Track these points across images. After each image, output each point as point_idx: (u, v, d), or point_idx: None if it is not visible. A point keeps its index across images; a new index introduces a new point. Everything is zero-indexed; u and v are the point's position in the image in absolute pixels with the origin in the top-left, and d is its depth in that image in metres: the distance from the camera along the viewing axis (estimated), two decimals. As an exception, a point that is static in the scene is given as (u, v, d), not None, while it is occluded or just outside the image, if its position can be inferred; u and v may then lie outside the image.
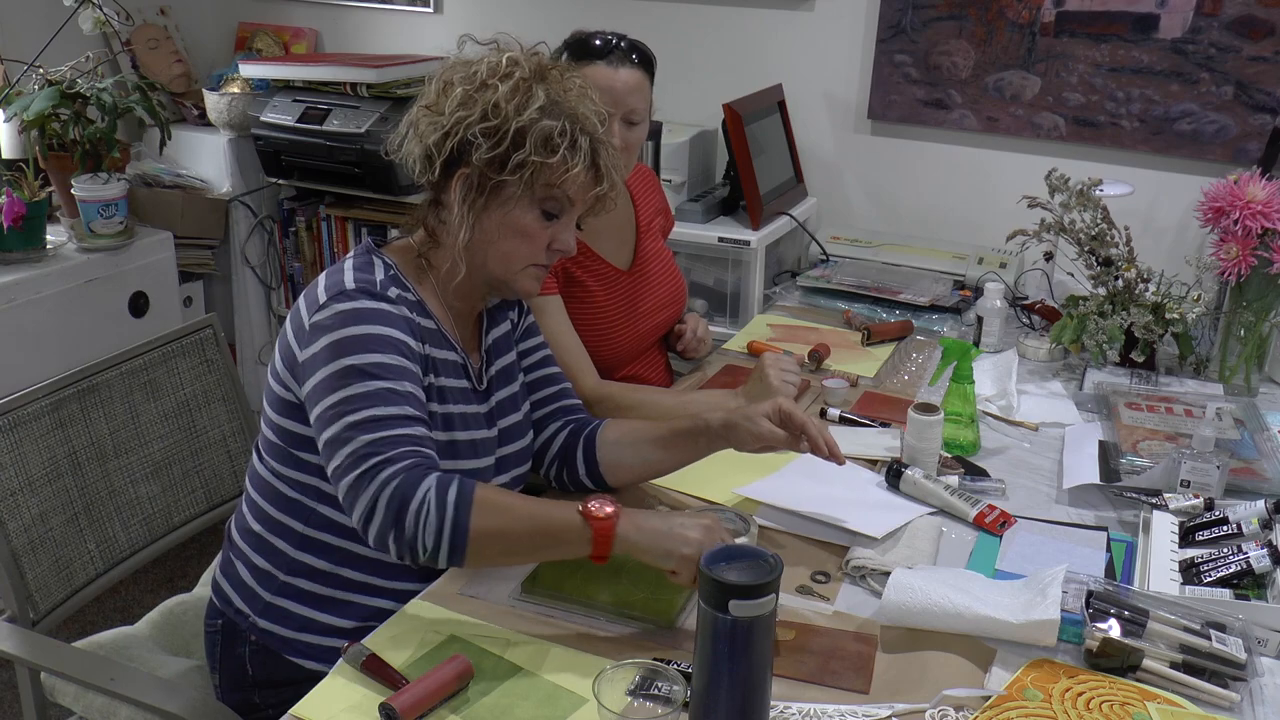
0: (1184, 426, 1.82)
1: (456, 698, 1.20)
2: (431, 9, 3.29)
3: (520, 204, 1.41)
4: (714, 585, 1.05)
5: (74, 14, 2.77)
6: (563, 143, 1.38)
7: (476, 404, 1.51)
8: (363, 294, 1.37)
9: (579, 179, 1.41)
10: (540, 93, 1.39)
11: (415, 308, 1.43)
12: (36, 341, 2.61)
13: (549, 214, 1.43)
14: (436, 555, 1.27)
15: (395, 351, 1.35)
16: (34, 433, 1.60)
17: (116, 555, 1.72)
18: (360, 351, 1.33)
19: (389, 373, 1.33)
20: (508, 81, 1.38)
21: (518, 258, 1.45)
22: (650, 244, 2.10)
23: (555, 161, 1.38)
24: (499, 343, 1.59)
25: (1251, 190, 1.98)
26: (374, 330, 1.35)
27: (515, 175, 1.38)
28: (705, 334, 2.16)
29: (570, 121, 1.39)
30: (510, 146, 1.37)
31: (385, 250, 1.49)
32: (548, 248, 1.46)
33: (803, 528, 1.56)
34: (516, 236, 1.43)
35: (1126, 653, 1.25)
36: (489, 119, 1.37)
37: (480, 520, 1.26)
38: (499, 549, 1.31)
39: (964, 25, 2.71)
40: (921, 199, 2.90)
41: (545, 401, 1.65)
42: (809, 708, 1.20)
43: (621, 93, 1.83)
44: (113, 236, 2.78)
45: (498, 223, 1.42)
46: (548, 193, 1.41)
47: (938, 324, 2.37)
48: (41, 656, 1.50)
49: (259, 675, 1.48)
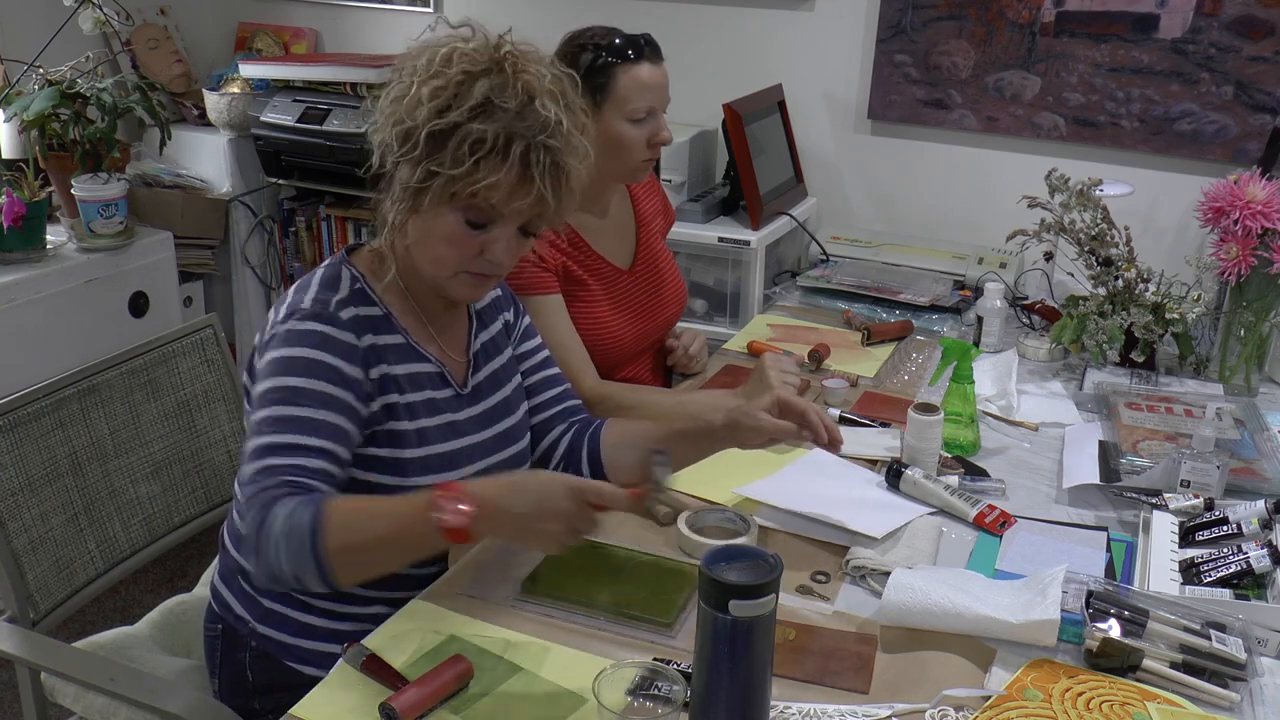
0: (1184, 426, 1.82)
1: (456, 698, 1.20)
2: (431, 9, 3.29)
3: (442, 211, 1.33)
4: (714, 585, 1.05)
5: (74, 14, 2.77)
6: (482, 150, 1.28)
7: (460, 411, 1.48)
8: (314, 316, 1.35)
9: (501, 189, 1.30)
10: (479, 90, 1.29)
11: (379, 324, 1.40)
12: (36, 341, 2.61)
13: (474, 223, 1.34)
14: (301, 580, 1.23)
15: (326, 379, 1.32)
16: (34, 433, 1.60)
17: (116, 555, 1.72)
18: (291, 374, 1.32)
19: (310, 400, 1.31)
20: (439, 79, 1.30)
21: (447, 264, 1.38)
22: (651, 243, 2.10)
23: (464, 172, 1.29)
24: (490, 345, 1.56)
25: (1251, 190, 1.98)
26: (311, 355, 1.33)
27: (428, 182, 1.31)
28: (699, 351, 2.14)
29: (503, 125, 1.29)
30: (423, 152, 1.30)
31: (356, 258, 1.45)
32: (480, 255, 1.37)
33: (803, 528, 1.56)
34: (442, 242, 1.36)
35: (1126, 653, 1.25)
36: (403, 121, 1.31)
37: (333, 540, 1.20)
38: (361, 563, 1.25)
39: (964, 25, 2.71)
40: (921, 199, 2.90)
41: (548, 404, 1.63)
42: (809, 708, 1.20)
43: (665, 85, 1.89)
44: (113, 236, 2.78)
45: (423, 227, 1.36)
46: (468, 202, 1.32)
47: (938, 324, 2.37)
48: (41, 656, 1.50)
49: (259, 681, 1.48)
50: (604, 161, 1.89)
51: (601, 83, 1.84)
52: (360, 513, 1.24)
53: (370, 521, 1.23)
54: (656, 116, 1.89)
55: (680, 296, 2.16)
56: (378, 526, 1.23)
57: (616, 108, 1.85)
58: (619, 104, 1.85)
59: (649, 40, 1.89)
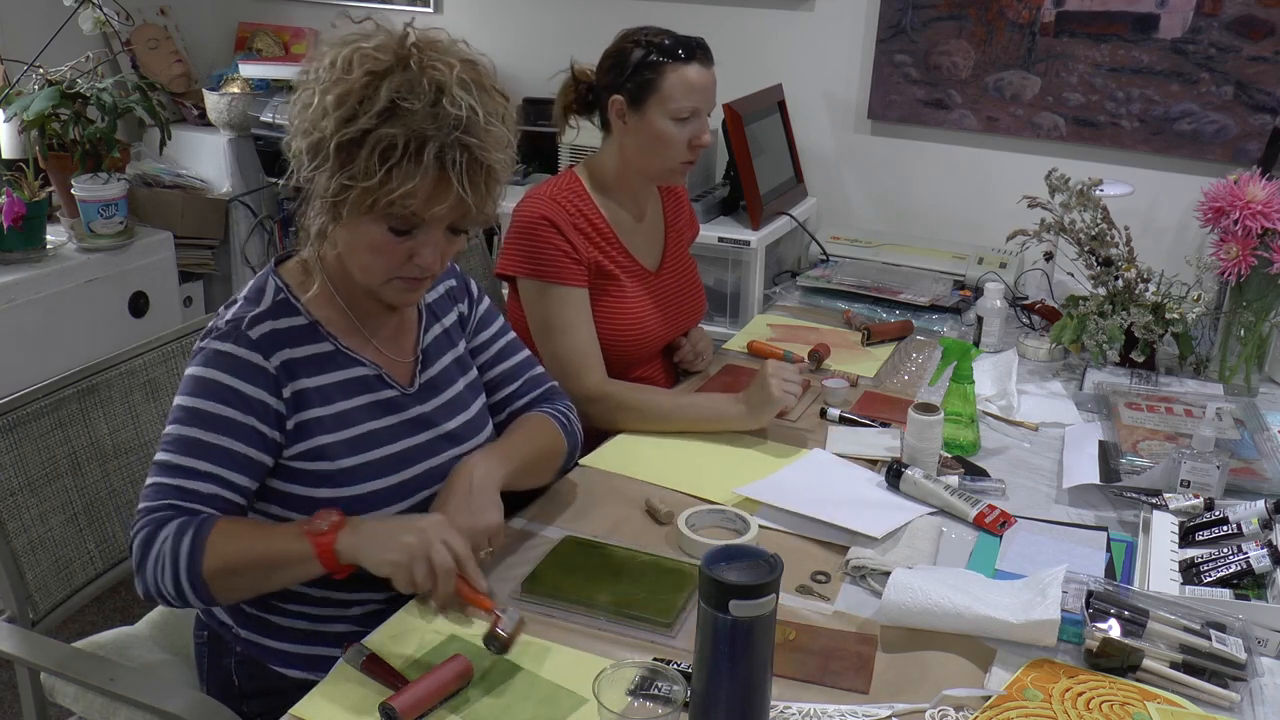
0: (1184, 426, 1.82)
1: (456, 698, 1.20)
2: (431, 9, 3.29)
3: (363, 221, 1.29)
4: (714, 585, 1.05)
5: (74, 14, 2.77)
6: (394, 157, 1.23)
7: (407, 410, 1.46)
8: (227, 336, 1.34)
9: (419, 195, 1.26)
10: (385, 92, 1.24)
11: (301, 334, 1.38)
12: (36, 341, 2.61)
13: (398, 230, 1.30)
14: (183, 600, 1.28)
15: (227, 403, 1.32)
16: (34, 433, 1.60)
17: (116, 555, 1.71)
18: (195, 395, 1.33)
19: (208, 424, 1.31)
20: (341, 85, 1.25)
21: (376, 272, 1.35)
22: (679, 251, 2.12)
23: (376, 184, 1.24)
24: (443, 338, 1.54)
25: (1251, 190, 1.98)
26: (217, 377, 1.33)
27: (343, 195, 1.26)
28: (705, 349, 2.16)
29: (414, 128, 1.23)
30: (335, 164, 1.25)
31: (283, 269, 1.43)
32: (409, 260, 1.33)
33: (803, 528, 1.56)
34: (368, 252, 1.33)
35: (1126, 653, 1.25)
36: (311, 132, 1.27)
37: (211, 562, 1.25)
38: (241, 585, 1.30)
39: (964, 25, 2.71)
40: (921, 199, 2.90)
41: (512, 397, 1.63)
42: (809, 708, 1.20)
43: (711, 90, 1.91)
44: (113, 236, 2.78)
45: (348, 237, 1.33)
46: (388, 211, 1.27)
47: (938, 324, 2.37)
48: (41, 656, 1.50)
49: (245, 686, 1.48)
50: (644, 158, 1.91)
51: (650, 79, 1.85)
52: (241, 535, 1.28)
53: (250, 543, 1.28)
54: (700, 119, 1.90)
55: (700, 305, 2.18)
56: (257, 547, 1.27)
57: (661, 105, 1.86)
58: (664, 101, 1.86)
59: (701, 43, 1.91)
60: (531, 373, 1.66)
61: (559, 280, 1.86)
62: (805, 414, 1.92)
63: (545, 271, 1.86)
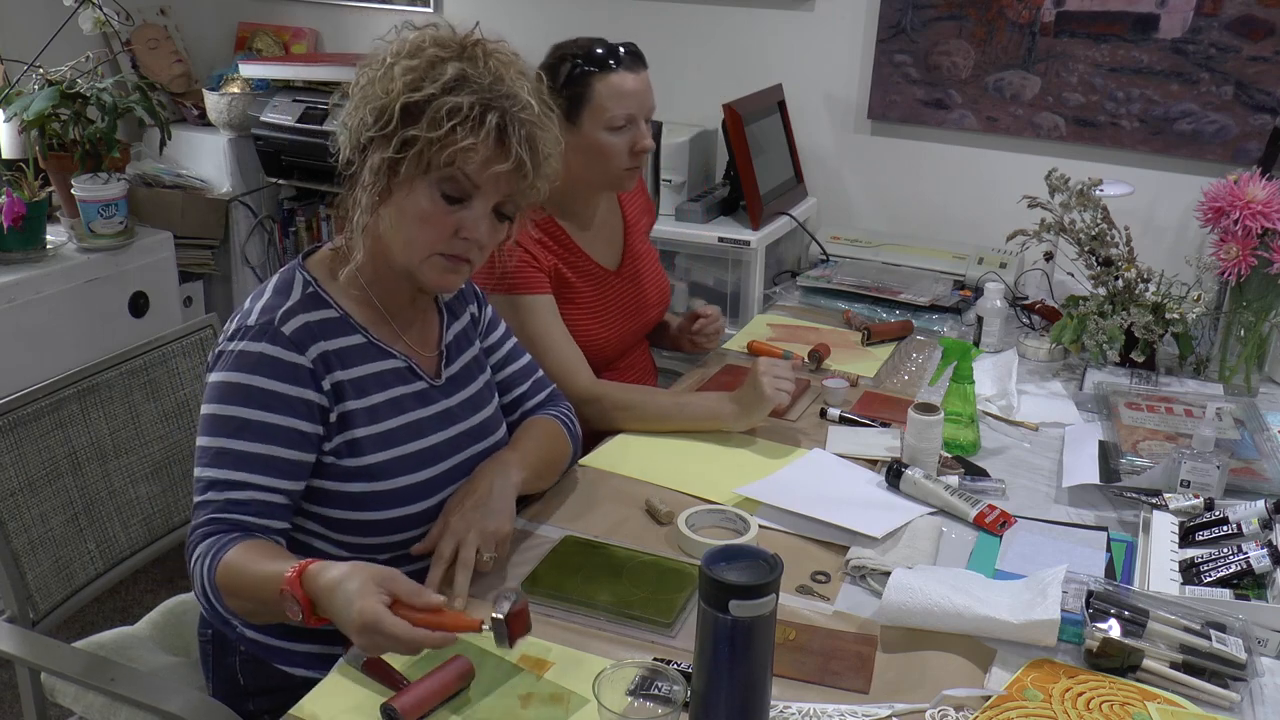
0: (1184, 426, 1.82)
1: (457, 698, 1.20)
2: (431, 9, 3.29)
3: (417, 186, 1.33)
4: (714, 585, 1.05)
5: (74, 14, 2.77)
6: (459, 117, 1.29)
7: (435, 404, 1.47)
8: (260, 335, 1.34)
9: (478, 155, 1.31)
10: (451, 69, 1.31)
11: (333, 327, 1.39)
12: (36, 341, 2.61)
13: (450, 197, 1.34)
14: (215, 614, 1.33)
15: (267, 408, 1.32)
16: (34, 433, 1.60)
17: (116, 555, 1.72)
18: (229, 402, 1.32)
19: (245, 432, 1.31)
20: (412, 59, 1.32)
21: (419, 245, 1.36)
22: (637, 244, 2.11)
23: (441, 135, 1.29)
24: (461, 337, 1.56)
25: (1251, 190, 1.98)
26: (253, 382, 1.32)
27: (403, 153, 1.31)
28: (716, 334, 2.16)
29: (479, 96, 1.30)
30: (399, 123, 1.30)
31: (310, 262, 1.44)
32: (455, 235, 1.36)
33: (803, 528, 1.56)
34: (416, 222, 1.35)
35: (1126, 653, 1.25)
36: (379, 97, 1.32)
37: (224, 598, 1.27)
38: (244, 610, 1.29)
39: (964, 25, 2.71)
40: (921, 199, 2.90)
41: (522, 399, 1.65)
42: (809, 708, 1.20)
43: (645, 93, 1.89)
44: (113, 236, 2.78)
45: (397, 207, 1.35)
46: (445, 172, 1.32)
47: (938, 324, 2.37)
48: (41, 656, 1.50)
49: (250, 685, 1.48)
50: (587, 172, 1.90)
51: (579, 92, 1.85)
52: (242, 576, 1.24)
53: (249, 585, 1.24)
54: (637, 124, 1.89)
55: (664, 296, 2.17)
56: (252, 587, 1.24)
57: (595, 116, 1.85)
58: (597, 113, 1.85)
59: (630, 48, 1.89)
60: (538, 374, 1.70)
61: (526, 290, 1.86)
62: (805, 414, 1.92)
63: (513, 284, 1.85)
